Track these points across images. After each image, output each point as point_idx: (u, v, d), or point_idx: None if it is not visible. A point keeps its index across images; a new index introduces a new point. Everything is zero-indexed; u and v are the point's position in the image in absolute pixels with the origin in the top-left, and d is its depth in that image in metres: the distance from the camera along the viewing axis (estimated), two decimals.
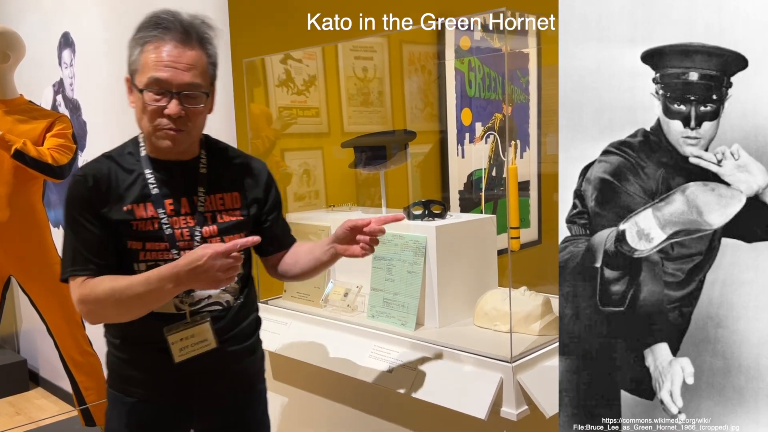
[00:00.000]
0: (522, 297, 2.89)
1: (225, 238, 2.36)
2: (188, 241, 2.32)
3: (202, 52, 2.24)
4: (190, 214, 2.34)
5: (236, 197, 2.43)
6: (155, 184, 2.31)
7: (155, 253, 2.29)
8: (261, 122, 3.84)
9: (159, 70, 2.17)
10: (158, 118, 2.21)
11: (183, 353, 2.32)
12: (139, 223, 2.28)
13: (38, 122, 4.21)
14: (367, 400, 3.02)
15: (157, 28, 2.19)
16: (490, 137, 4.74)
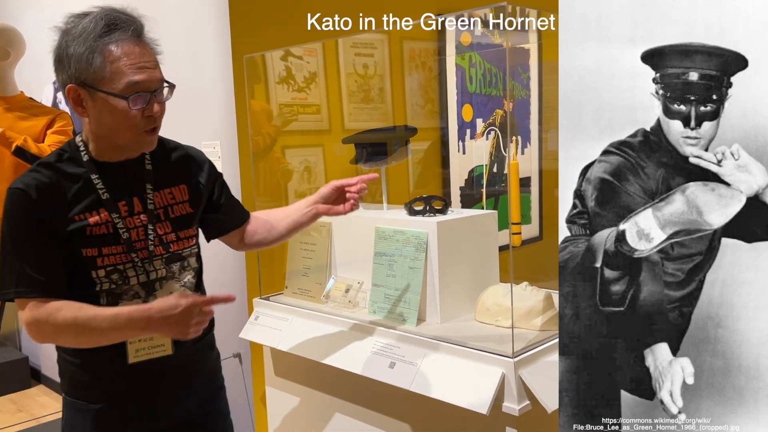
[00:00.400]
0: (523, 292, 2.90)
1: (179, 233, 2.38)
2: (143, 240, 2.31)
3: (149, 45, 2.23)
4: (143, 213, 2.32)
5: (184, 189, 2.42)
6: (104, 189, 2.27)
7: (113, 257, 2.26)
8: (262, 119, 3.84)
9: (134, 73, 2.13)
10: (142, 122, 2.18)
11: (138, 355, 2.31)
12: (93, 229, 2.24)
13: (39, 119, 4.22)
14: (369, 396, 3.03)
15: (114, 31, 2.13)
16: (491, 133, 4.74)
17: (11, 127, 4.07)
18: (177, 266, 2.39)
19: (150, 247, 2.32)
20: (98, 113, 2.18)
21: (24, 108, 4.24)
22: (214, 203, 2.55)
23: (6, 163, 4.08)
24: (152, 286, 2.33)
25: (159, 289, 2.35)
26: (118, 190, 2.30)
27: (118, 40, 2.12)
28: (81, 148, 2.30)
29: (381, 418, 3.00)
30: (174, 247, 2.38)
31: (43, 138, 4.17)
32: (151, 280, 2.33)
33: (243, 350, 3.87)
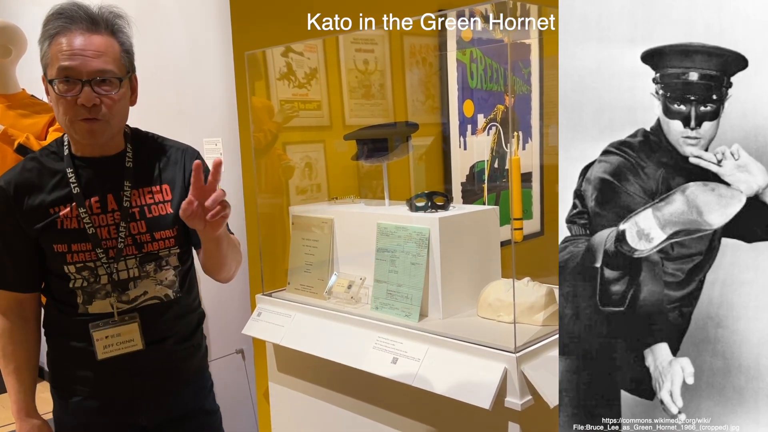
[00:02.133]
0: (525, 288, 2.90)
1: (155, 233, 2.36)
2: (114, 239, 2.31)
3: (112, 39, 2.22)
4: (117, 211, 2.32)
5: (167, 189, 2.41)
6: (76, 183, 2.29)
7: (82, 254, 2.29)
8: (263, 115, 3.85)
9: (66, 59, 2.14)
10: (72, 110, 2.17)
11: (107, 351, 2.33)
12: (64, 221, 2.27)
13: (40, 116, 4.22)
14: (371, 392, 3.04)
15: (61, 19, 2.17)
16: (492, 129, 4.74)
17: (13, 124, 4.07)
18: (152, 266, 2.38)
19: (119, 246, 2.32)
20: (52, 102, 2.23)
21: (26, 105, 4.25)
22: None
23: (8, 160, 4.09)
24: (125, 285, 2.34)
25: (132, 288, 2.35)
26: (93, 186, 2.32)
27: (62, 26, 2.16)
28: (65, 143, 2.34)
29: (383, 413, 3.01)
30: (148, 247, 2.37)
31: (45, 135, 4.18)
32: (123, 280, 2.34)
33: (246, 346, 3.89)
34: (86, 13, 2.18)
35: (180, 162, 2.47)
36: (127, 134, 2.42)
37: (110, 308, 2.33)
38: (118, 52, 2.23)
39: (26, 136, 3.97)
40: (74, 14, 2.17)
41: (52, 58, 2.17)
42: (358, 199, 3.67)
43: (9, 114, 4.16)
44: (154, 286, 2.39)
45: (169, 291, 2.42)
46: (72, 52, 2.14)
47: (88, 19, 2.18)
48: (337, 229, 3.42)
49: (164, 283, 2.41)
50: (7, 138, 3.95)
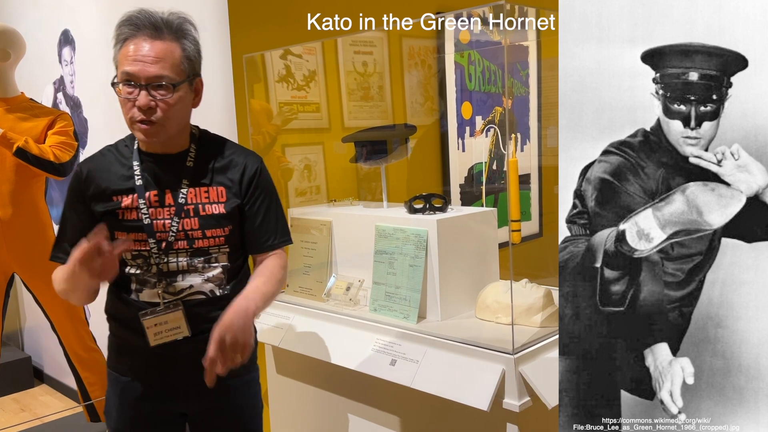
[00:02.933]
0: (523, 289, 2.90)
1: (206, 231, 2.44)
2: (166, 232, 2.42)
3: (175, 44, 2.33)
4: (173, 206, 2.42)
5: (222, 191, 2.48)
6: (140, 176, 2.42)
7: (137, 243, 2.41)
8: (261, 118, 3.85)
9: (128, 64, 2.27)
10: (131, 111, 2.30)
11: (158, 338, 2.44)
12: (124, 212, 2.40)
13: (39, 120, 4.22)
14: (370, 393, 3.04)
15: (127, 25, 2.31)
16: (491, 131, 4.75)
17: (12, 128, 4.07)
18: (201, 261, 2.46)
19: (170, 239, 2.42)
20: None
21: (24, 109, 4.25)
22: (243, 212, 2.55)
23: (7, 164, 4.09)
24: (173, 276, 2.44)
25: (180, 281, 2.45)
26: (154, 180, 2.44)
27: (129, 35, 2.30)
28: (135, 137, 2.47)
29: (382, 415, 3.01)
30: (199, 243, 2.45)
31: (44, 138, 4.18)
32: (171, 271, 2.44)
33: None
34: (150, 21, 2.31)
35: (239, 167, 2.53)
36: (194, 135, 2.54)
37: (158, 298, 2.44)
38: (178, 57, 2.33)
39: (25, 139, 3.97)
40: (139, 21, 2.30)
41: (119, 62, 2.32)
42: (357, 201, 3.67)
43: (8, 117, 4.15)
44: (201, 281, 2.47)
45: (215, 287, 2.50)
46: (134, 57, 2.27)
47: (152, 26, 2.30)
48: (336, 232, 3.42)
49: (211, 279, 2.49)
50: (6, 141, 3.95)
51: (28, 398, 5.88)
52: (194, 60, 2.40)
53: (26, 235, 4.20)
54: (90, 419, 4.63)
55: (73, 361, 4.49)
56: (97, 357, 4.50)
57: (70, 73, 5.20)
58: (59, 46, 5.24)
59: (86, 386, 4.53)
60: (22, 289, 6.04)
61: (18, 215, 4.16)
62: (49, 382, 6.13)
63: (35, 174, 4.10)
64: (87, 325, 4.49)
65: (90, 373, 4.50)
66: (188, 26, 2.40)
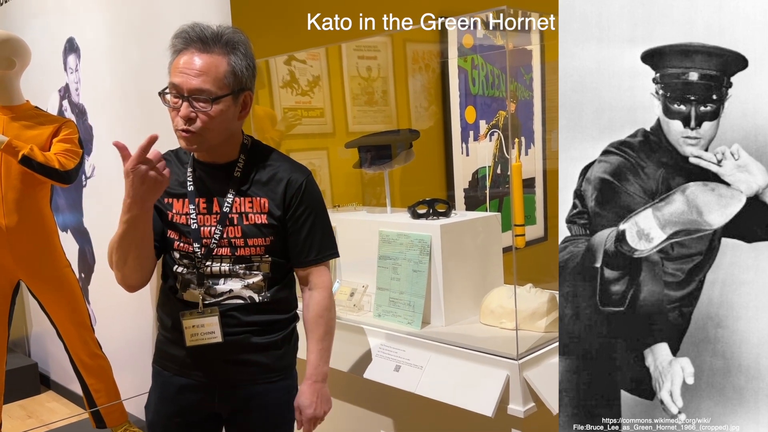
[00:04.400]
0: (527, 294, 2.90)
1: (248, 240, 2.49)
2: (210, 238, 2.48)
3: (222, 59, 2.37)
4: (218, 214, 2.48)
5: (264, 203, 2.51)
6: (192, 183, 2.50)
7: (185, 245, 2.49)
8: (265, 124, 3.85)
9: (176, 75, 2.35)
10: (175, 120, 2.38)
11: (194, 339, 2.49)
12: (174, 215, 2.49)
13: (45, 128, 4.22)
14: (375, 399, 3.04)
15: (179, 38, 2.38)
16: (495, 135, 4.74)
17: (17, 136, 4.08)
18: (242, 268, 2.50)
19: (212, 245, 2.47)
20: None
21: (30, 117, 4.25)
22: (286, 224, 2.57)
23: (13, 171, 4.09)
24: (214, 280, 2.49)
25: (221, 285, 2.50)
26: (204, 188, 2.50)
27: (182, 48, 2.38)
28: None
29: (386, 420, 3.01)
30: (241, 251, 2.50)
31: (49, 146, 4.18)
32: (214, 274, 2.49)
33: None
34: (199, 36, 2.37)
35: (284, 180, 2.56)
36: (245, 145, 2.58)
37: (198, 299, 2.49)
38: (222, 72, 2.37)
39: (30, 147, 3.97)
40: (189, 35, 2.37)
41: (171, 72, 2.39)
42: (360, 207, 3.67)
43: (13, 125, 4.16)
44: (241, 286, 2.51)
45: (254, 294, 2.53)
46: (180, 69, 2.35)
47: (200, 41, 2.36)
48: (339, 237, 3.41)
49: (251, 286, 2.52)
50: (11, 150, 3.95)
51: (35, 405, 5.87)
52: (241, 75, 2.42)
53: (32, 242, 4.20)
54: (96, 425, 4.62)
55: (79, 367, 4.49)
56: (102, 363, 4.49)
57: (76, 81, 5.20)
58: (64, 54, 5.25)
59: (92, 393, 4.52)
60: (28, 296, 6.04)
61: (23, 223, 4.16)
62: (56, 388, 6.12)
63: (40, 181, 4.10)
64: (92, 331, 4.48)
65: (95, 379, 4.49)
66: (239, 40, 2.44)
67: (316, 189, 2.62)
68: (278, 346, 2.61)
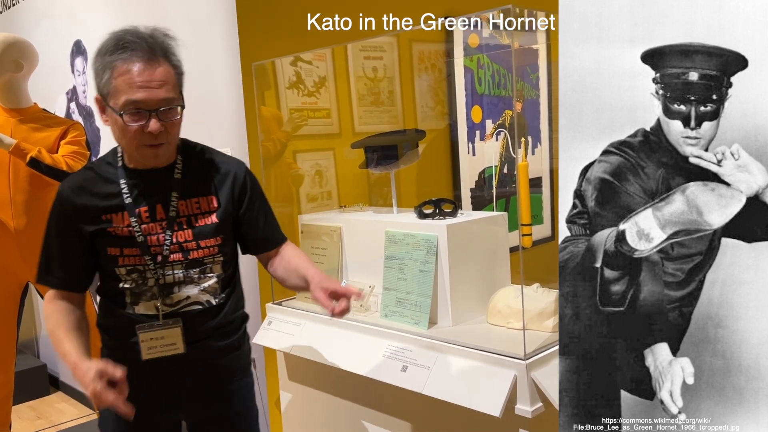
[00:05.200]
0: (535, 294, 2.89)
1: (200, 242, 2.46)
2: (161, 246, 2.42)
3: (168, 65, 2.31)
4: (165, 220, 2.43)
5: (212, 200, 2.50)
6: (129, 194, 2.41)
7: (132, 258, 2.41)
8: (272, 125, 3.86)
9: (134, 92, 2.22)
10: (140, 137, 2.28)
11: (151, 352, 2.44)
12: (116, 230, 2.39)
13: (52, 130, 4.25)
14: (382, 399, 3.04)
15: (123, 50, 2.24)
16: (501, 134, 4.74)
17: (26, 138, 4.10)
18: (197, 272, 2.48)
19: (165, 252, 2.42)
20: (111, 124, 2.34)
21: (38, 119, 4.27)
22: (239, 219, 2.59)
23: (21, 174, 4.12)
24: (170, 289, 2.45)
25: (176, 292, 2.46)
26: (144, 195, 2.43)
27: (126, 59, 2.23)
28: (119, 153, 2.47)
29: (394, 421, 3.01)
30: (194, 254, 2.47)
31: (57, 148, 4.20)
32: (168, 284, 2.44)
33: (257, 355, 3.88)
34: (146, 43, 2.26)
35: (228, 175, 2.56)
36: (179, 146, 2.52)
37: (154, 310, 2.45)
38: (174, 77, 2.32)
39: (38, 149, 3.99)
40: (135, 45, 2.25)
41: (116, 89, 2.24)
42: (367, 207, 3.67)
43: (21, 128, 4.18)
44: (197, 292, 2.49)
45: (210, 297, 2.52)
46: (138, 84, 2.23)
47: (148, 49, 2.26)
48: (346, 237, 3.42)
49: (207, 290, 2.50)
50: (19, 152, 3.98)
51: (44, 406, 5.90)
52: (182, 75, 2.39)
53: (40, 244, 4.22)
54: None
55: None
56: None
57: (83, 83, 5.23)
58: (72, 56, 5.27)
59: None
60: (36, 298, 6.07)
61: (32, 225, 4.18)
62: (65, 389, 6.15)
63: (48, 184, 4.12)
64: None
65: None
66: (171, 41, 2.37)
67: (255, 177, 2.64)
68: (237, 347, 2.64)
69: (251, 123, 3.64)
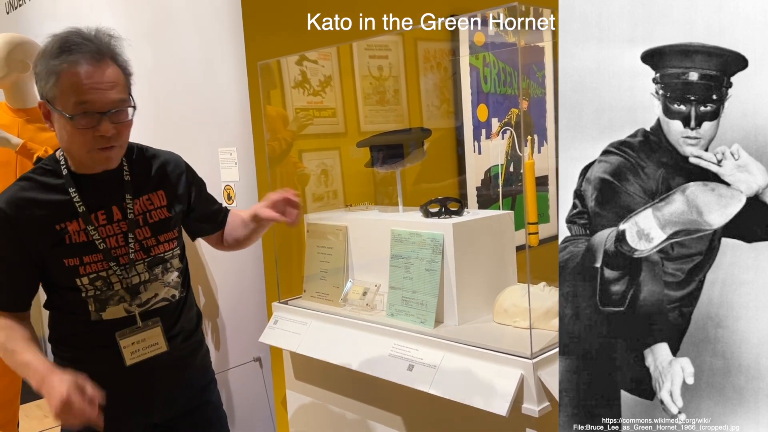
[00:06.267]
0: (541, 293, 2.88)
1: (159, 237, 2.46)
2: (123, 246, 2.39)
3: (116, 66, 2.26)
4: (123, 220, 2.40)
5: (162, 195, 2.50)
6: (81, 201, 2.34)
7: (94, 265, 2.35)
8: (277, 124, 3.86)
9: (83, 94, 2.16)
10: (91, 140, 2.22)
11: (134, 356, 2.42)
12: (72, 237, 2.33)
13: None
14: (388, 399, 3.04)
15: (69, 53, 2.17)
16: (507, 132, 4.73)
17: (32, 138, 4.11)
18: (159, 269, 2.47)
19: (131, 254, 2.40)
20: (57, 129, 2.27)
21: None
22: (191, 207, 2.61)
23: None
24: (137, 289, 2.43)
25: (143, 292, 2.44)
26: (97, 200, 2.38)
27: (73, 61, 2.16)
28: (61, 161, 2.37)
29: (400, 420, 3.01)
30: (155, 251, 2.46)
31: None
32: (135, 284, 2.42)
33: (263, 354, 3.89)
34: (92, 44, 2.21)
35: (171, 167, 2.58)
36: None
37: (124, 313, 2.41)
38: (123, 78, 2.28)
39: (44, 149, 4.00)
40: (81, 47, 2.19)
41: (64, 92, 2.18)
42: (372, 206, 3.67)
43: (28, 128, 4.19)
44: (162, 287, 2.48)
45: (175, 291, 2.52)
46: (86, 86, 2.17)
47: (94, 50, 2.21)
48: (352, 237, 3.42)
49: (170, 284, 2.50)
50: (26, 152, 3.98)
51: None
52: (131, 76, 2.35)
53: None
54: None
55: None
56: None
57: None
58: None
59: None
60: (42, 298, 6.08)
61: None
62: None
63: None
64: None
65: None
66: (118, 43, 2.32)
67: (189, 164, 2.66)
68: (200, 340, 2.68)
69: (257, 122, 3.64)
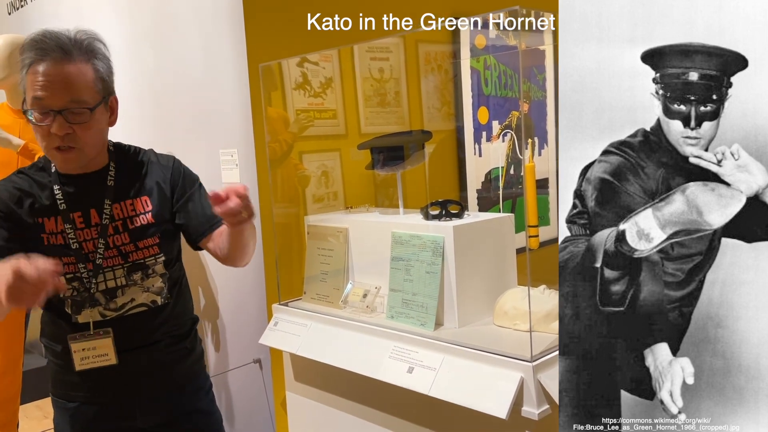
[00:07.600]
0: (541, 296, 2.88)
1: (138, 243, 2.44)
2: (96, 252, 2.40)
3: (87, 65, 2.27)
4: (100, 224, 2.40)
5: (146, 201, 2.48)
6: (63, 199, 2.37)
7: (71, 266, 2.37)
8: (278, 126, 3.86)
9: (38, 89, 2.20)
10: (47, 138, 2.25)
11: (84, 363, 2.43)
12: (49, 236, 2.36)
13: None
14: (387, 401, 3.04)
15: (33, 49, 2.22)
16: (507, 135, 4.73)
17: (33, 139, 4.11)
18: (139, 274, 2.46)
19: (98, 260, 2.40)
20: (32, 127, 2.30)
21: None
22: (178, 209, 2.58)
23: None
24: (113, 293, 2.43)
25: (120, 296, 2.44)
26: (77, 201, 2.40)
27: (36, 58, 2.22)
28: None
29: (400, 422, 3.01)
30: (133, 256, 2.45)
31: None
32: (110, 288, 2.42)
33: (263, 356, 3.90)
34: (57, 43, 2.24)
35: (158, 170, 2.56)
36: (111, 151, 2.51)
37: (99, 317, 2.42)
38: (91, 79, 2.29)
39: None
40: (46, 45, 2.23)
41: (27, 86, 2.24)
42: (373, 208, 3.67)
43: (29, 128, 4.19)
44: (142, 293, 2.47)
45: (156, 297, 2.51)
46: (44, 83, 2.20)
47: (60, 49, 2.23)
48: (352, 239, 3.42)
49: (152, 290, 2.49)
50: (27, 152, 3.99)
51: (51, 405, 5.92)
52: (107, 79, 2.36)
53: None
54: None
55: None
56: None
57: None
58: None
59: None
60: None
61: None
62: None
63: None
64: None
65: None
66: (98, 44, 2.35)
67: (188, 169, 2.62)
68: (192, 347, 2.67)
69: (258, 124, 3.64)
